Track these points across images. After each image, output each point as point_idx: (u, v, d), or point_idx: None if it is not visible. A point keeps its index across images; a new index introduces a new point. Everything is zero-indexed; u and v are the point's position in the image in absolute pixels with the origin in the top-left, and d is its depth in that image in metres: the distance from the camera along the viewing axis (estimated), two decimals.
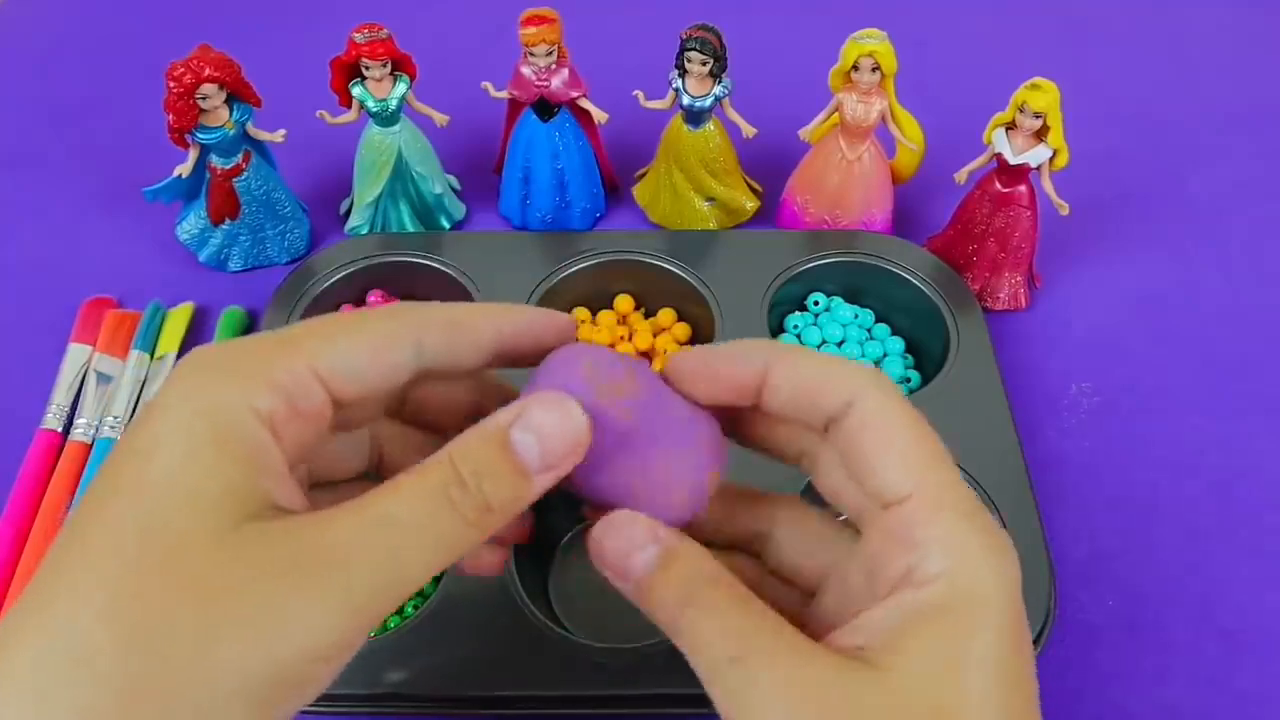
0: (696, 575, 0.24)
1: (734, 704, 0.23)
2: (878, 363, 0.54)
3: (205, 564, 0.21)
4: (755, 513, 0.29)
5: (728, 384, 0.26)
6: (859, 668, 0.22)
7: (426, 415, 0.30)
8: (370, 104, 0.55)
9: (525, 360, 0.27)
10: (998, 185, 0.54)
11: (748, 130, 0.57)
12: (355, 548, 0.22)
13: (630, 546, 0.25)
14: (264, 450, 0.22)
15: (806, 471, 0.28)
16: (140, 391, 0.52)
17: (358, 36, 0.53)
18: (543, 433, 0.24)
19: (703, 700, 0.24)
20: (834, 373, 0.25)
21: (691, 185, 0.59)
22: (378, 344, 0.25)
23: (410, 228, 0.60)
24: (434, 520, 0.23)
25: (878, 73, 0.53)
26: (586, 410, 0.25)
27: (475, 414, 0.25)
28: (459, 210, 0.62)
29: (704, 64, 0.53)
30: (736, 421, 0.28)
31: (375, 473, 0.29)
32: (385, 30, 0.54)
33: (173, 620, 0.20)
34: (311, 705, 0.22)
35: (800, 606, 0.28)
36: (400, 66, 0.55)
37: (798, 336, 0.55)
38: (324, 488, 0.28)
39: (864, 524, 0.25)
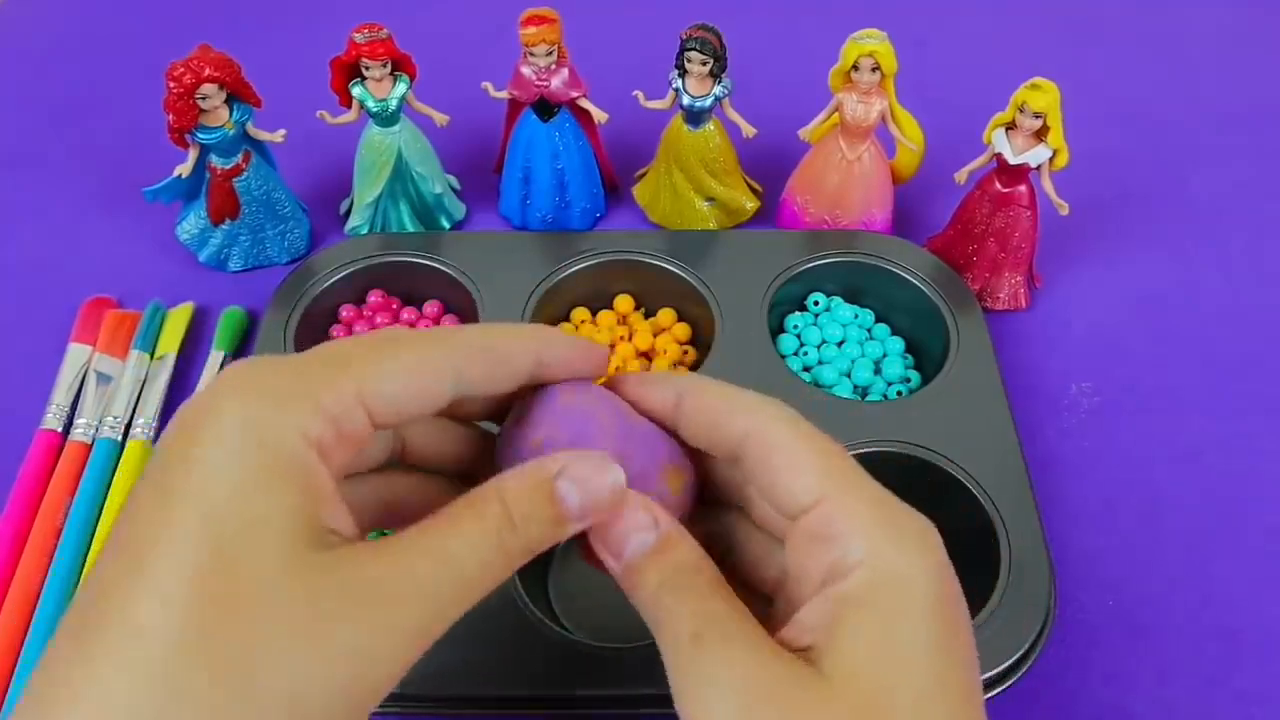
0: (684, 562, 0.26)
1: (685, 682, 0.24)
2: (878, 363, 0.54)
3: (280, 596, 0.21)
4: (718, 520, 0.31)
5: (649, 408, 0.28)
6: (801, 667, 0.23)
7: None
8: (370, 104, 0.55)
9: (553, 382, 0.29)
10: (998, 185, 0.54)
11: (748, 130, 0.57)
12: (425, 582, 0.23)
13: (630, 528, 0.26)
14: (317, 477, 0.23)
15: (744, 508, 0.30)
16: (140, 391, 0.52)
17: (358, 36, 0.53)
18: (586, 487, 0.26)
19: None
20: (735, 401, 0.28)
21: (691, 185, 0.59)
22: (421, 374, 0.25)
23: (410, 228, 0.60)
24: (490, 558, 0.24)
25: (878, 73, 0.53)
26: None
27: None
28: (459, 210, 0.62)
29: (704, 64, 0.53)
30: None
31: (399, 460, 0.30)
32: (385, 30, 0.54)
33: (252, 654, 0.20)
34: None
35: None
36: (400, 66, 0.55)
37: (798, 336, 0.55)
38: (350, 480, 0.28)
39: (787, 538, 0.27)
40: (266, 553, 0.21)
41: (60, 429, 0.51)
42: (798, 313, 0.56)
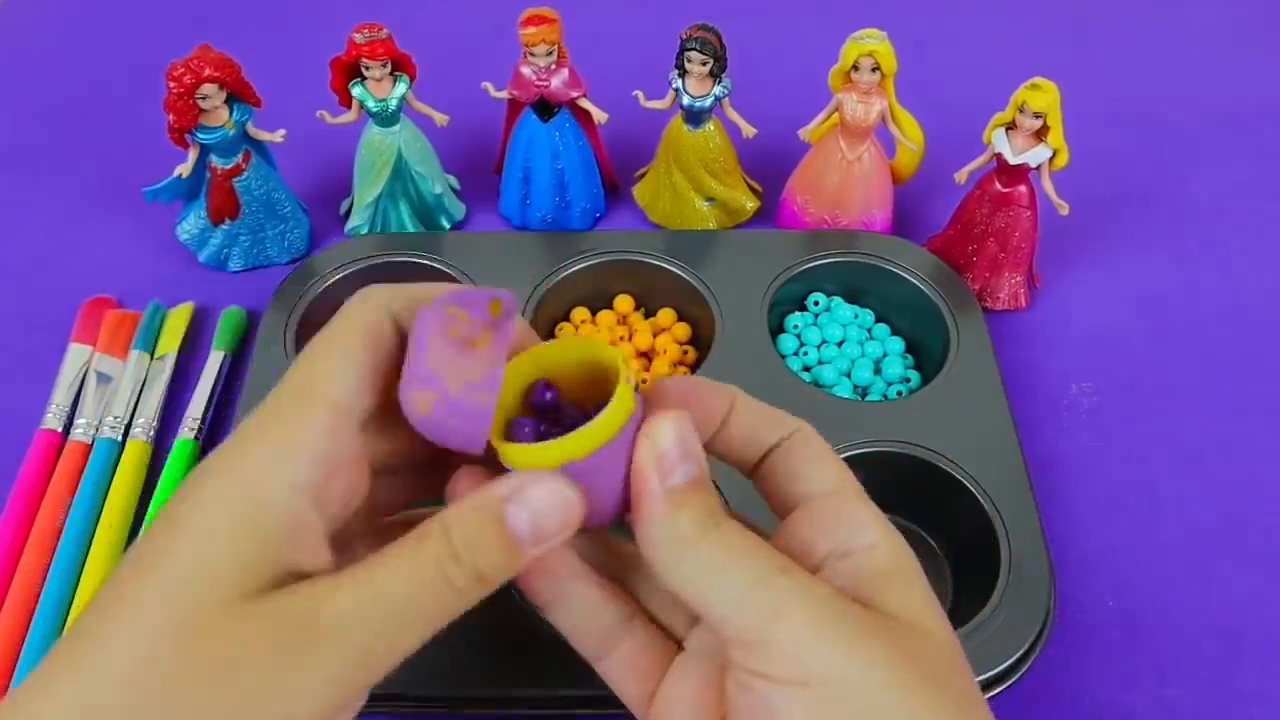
0: (718, 503, 0.26)
1: (767, 622, 0.24)
2: (878, 363, 0.54)
3: (215, 636, 0.22)
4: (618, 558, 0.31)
5: (706, 411, 0.28)
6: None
7: None
8: (370, 104, 0.55)
9: None
10: (998, 185, 0.54)
11: (748, 130, 0.57)
12: (352, 622, 0.23)
13: (687, 455, 0.26)
14: (294, 522, 0.23)
15: None
16: (140, 391, 0.52)
17: (358, 36, 0.53)
18: (537, 510, 0.25)
19: None
20: (780, 414, 0.29)
21: (691, 185, 0.59)
22: (374, 367, 0.26)
23: (410, 228, 0.60)
24: (427, 593, 0.24)
25: (878, 73, 0.53)
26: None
27: None
28: (459, 210, 0.62)
29: (704, 64, 0.53)
30: None
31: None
32: (385, 30, 0.54)
33: (185, 688, 0.21)
34: None
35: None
36: (400, 66, 0.55)
37: (798, 336, 0.55)
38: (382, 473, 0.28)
39: (795, 516, 0.28)
40: (211, 598, 0.22)
41: (60, 429, 0.51)
42: (798, 313, 0.56)
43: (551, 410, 0.27)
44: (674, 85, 0.55)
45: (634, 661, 0.28)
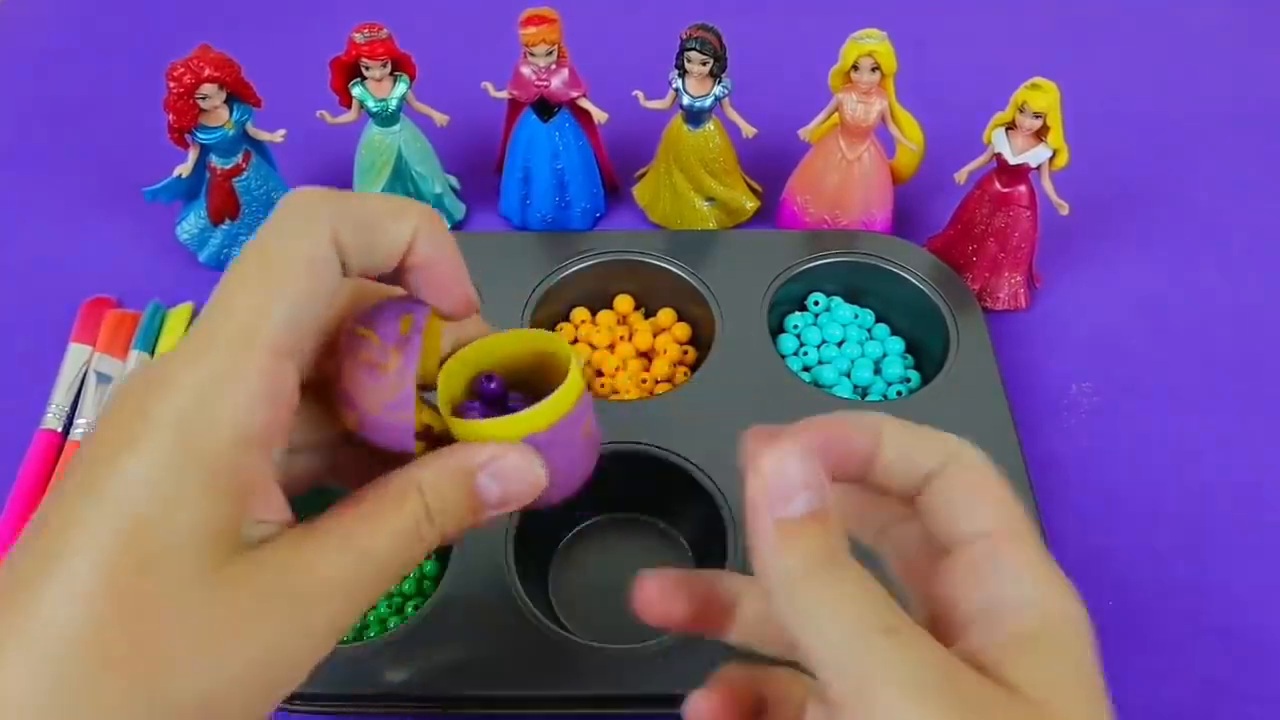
0: (841, 539, 0.24)
1: (859, 684, 0.21)
2: (878, 363, 0.54)
3: (193, 602, 0.21)
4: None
5: (847, 443, 0.26)
6: (985, 679, 0.22)
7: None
8: (370, 104, 0.55)
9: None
10: (998, 185, 0.54)
11: (748, 130, 0.57)
12: (339, 583, 0.23)
13: (810, 484, 0.23)
14: (248, 473, 0.23)
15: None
16: None
17: (358, 36, 0.53)
18: (508, 481, 0.25)
19: None
20: (936, 435, 0.26)
21: (691, 185, 0.59)
22: (314, 298, 0.24)
23: None
24: (405, 551, 0.24)
25: (877, 73, 0.53)
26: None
27: None
28: (459, 210, 0.62)
29: (704, 64, 0.53)
30: None
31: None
32: (385, 30, 0.54)
33: (161, 658, 0.20)
34: (312, 705, 0.23)
35: None
36: (400, 66, 0.55)
37: (798, 336, 0.55)
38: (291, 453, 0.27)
39: (944, 567, 0.25)
40: (183, 560, 0.21)
41: (60, 429, 0.51)
42: (798, 313, 0.56)
43: (497, 398, 0.28)
44: (674, 85, 0.55)
45: None
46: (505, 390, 0.28)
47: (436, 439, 0.27)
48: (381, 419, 0.25)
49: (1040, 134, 0.51)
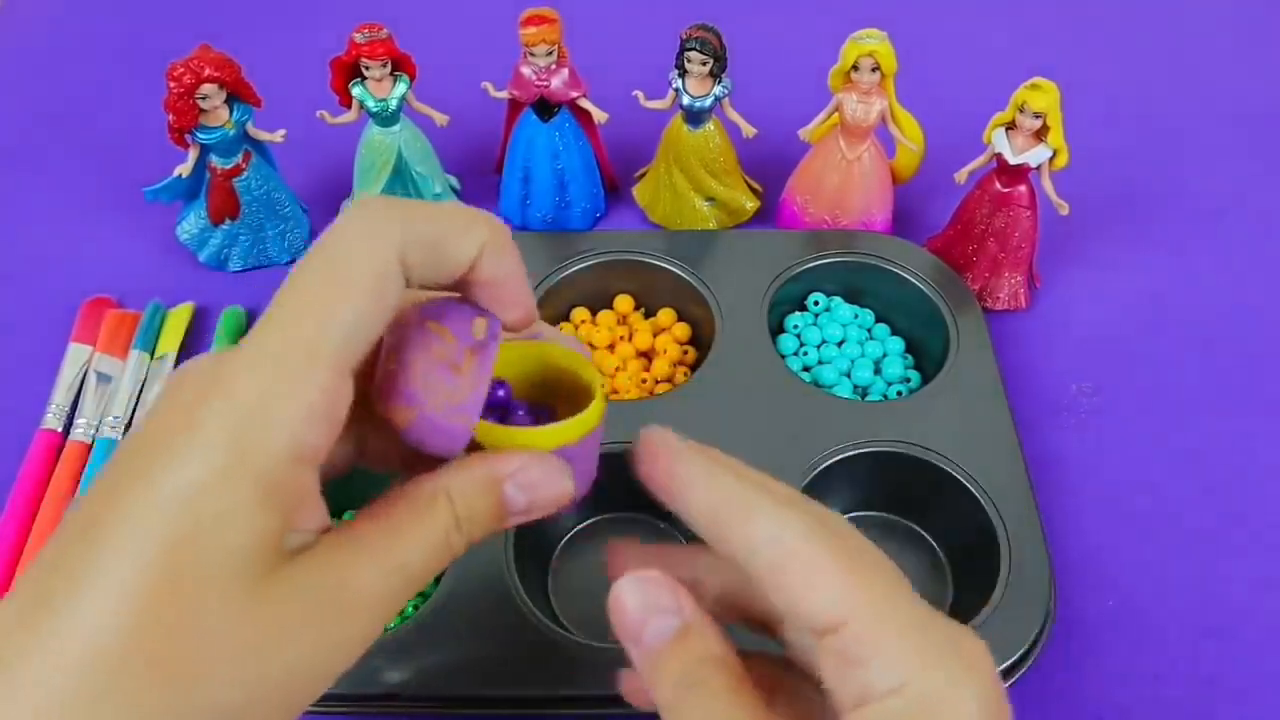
0: (707, 655, 0.25)
1: None
2: (878, 363, 0.54)
3: (232, 613, 0.21)
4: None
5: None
6: None
7: None
8: (370, 104, 0.55)
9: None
10: (998, 185, 0.54)
11: (748, 130, 0.57)
12: (374, 596, 0.23)
13: (652, 610, 0.25)
14: (298, 487, 0.23)
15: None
16: (140, 391, 0.52)
17: (358, 36, 0.53)
18: (535, 493, 0.26)
19: None
20: (749, 501, 0.25)
21: (691, 185, 0.59)
22: (375, 315, 0.24)
23: None
24: (435, 559, 0.25)
25: (877, 73, 0.53)
26: None
27: None
28: None
29: (704, 64, 0.53)
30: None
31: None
32: (385, 30, 0.54)
33: (197, 666, 0.21)
34: (312, 705, 0.23)
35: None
36: (400, 66, 0.55)
37: (798, 336, 0.55)
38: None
39: (817, 655, 0.24)
40: (228, 571, 0.21)
41: (60, 429, 0.51)
42: (798, 313, 0.56)
43: (502, 406, 0.28)
44: (674, 85, 0.55)
45: None
46: (511, 399, 0.28)
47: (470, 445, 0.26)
48: (441, 420, 0.25)
49: (1040, 134, 0.51)
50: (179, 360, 0.54)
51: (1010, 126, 0.52)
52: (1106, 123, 0.68)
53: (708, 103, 0.55)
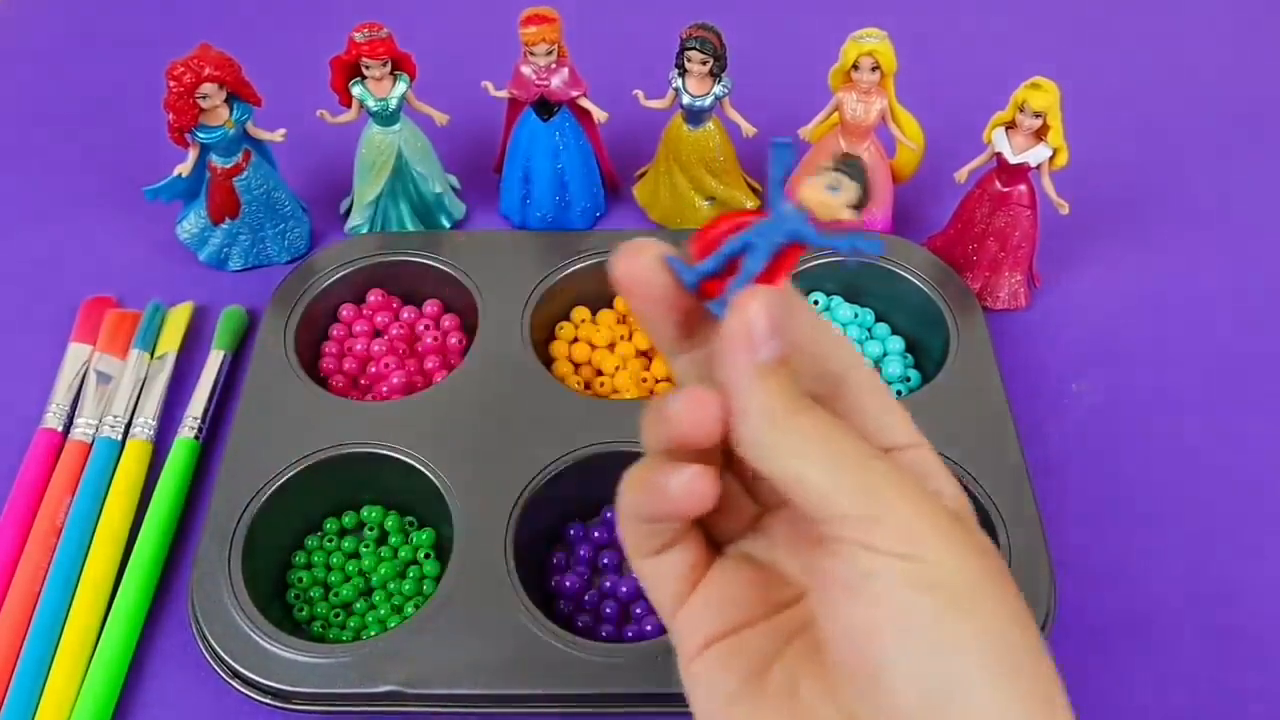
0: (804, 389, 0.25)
1: (875, 499, 0.23)
2: (878, 362, 0.54)
3: None
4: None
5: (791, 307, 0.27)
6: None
7: None
8: (370, 103, 0.55)
9: None
10: (998, 185, 0.54)
11: (748, 130, 0.57)
12: None
13: (779, 331, 0.24)
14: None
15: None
16: (140, 391, 0.52)
17: (358, 36, 0.53)
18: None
19: None
20: (841, 341, 0.29)
21: (691, 185, 0.59)
22: None
23: (410, 227, 0.60)
24: None
25: (877, 72, 0.53)
26: None
27: None
28: (459, 210, 0.62)
29: (704, 63, 0.53)
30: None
31: None
32: (385, 30, 0.54)
33: None
34: (312, 705, 0.22)
35: None
36: (400, 66, 0.55)
37: None
38: None
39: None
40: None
41: (60, 428, 0.51)
42: None
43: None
44: (674, 85, 0.55)
45: (682, 558, 0.28)
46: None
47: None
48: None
49: (1040, 133, 0.51)
50: (179, 359, 0.54)
51: (1010, 126, 0.52)
52: (1107, 122, 0.68)
53: (708, 102, 0.55)
